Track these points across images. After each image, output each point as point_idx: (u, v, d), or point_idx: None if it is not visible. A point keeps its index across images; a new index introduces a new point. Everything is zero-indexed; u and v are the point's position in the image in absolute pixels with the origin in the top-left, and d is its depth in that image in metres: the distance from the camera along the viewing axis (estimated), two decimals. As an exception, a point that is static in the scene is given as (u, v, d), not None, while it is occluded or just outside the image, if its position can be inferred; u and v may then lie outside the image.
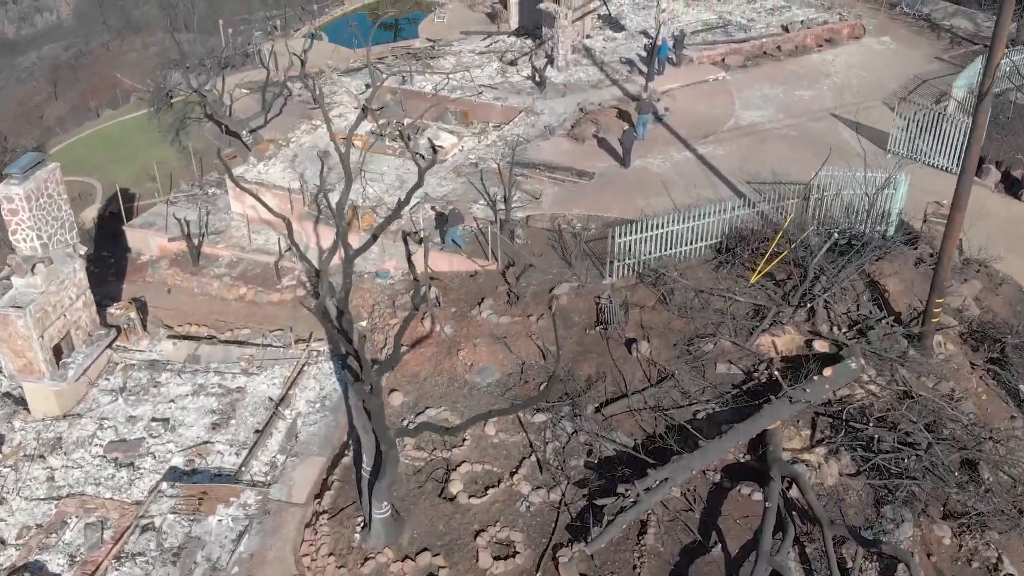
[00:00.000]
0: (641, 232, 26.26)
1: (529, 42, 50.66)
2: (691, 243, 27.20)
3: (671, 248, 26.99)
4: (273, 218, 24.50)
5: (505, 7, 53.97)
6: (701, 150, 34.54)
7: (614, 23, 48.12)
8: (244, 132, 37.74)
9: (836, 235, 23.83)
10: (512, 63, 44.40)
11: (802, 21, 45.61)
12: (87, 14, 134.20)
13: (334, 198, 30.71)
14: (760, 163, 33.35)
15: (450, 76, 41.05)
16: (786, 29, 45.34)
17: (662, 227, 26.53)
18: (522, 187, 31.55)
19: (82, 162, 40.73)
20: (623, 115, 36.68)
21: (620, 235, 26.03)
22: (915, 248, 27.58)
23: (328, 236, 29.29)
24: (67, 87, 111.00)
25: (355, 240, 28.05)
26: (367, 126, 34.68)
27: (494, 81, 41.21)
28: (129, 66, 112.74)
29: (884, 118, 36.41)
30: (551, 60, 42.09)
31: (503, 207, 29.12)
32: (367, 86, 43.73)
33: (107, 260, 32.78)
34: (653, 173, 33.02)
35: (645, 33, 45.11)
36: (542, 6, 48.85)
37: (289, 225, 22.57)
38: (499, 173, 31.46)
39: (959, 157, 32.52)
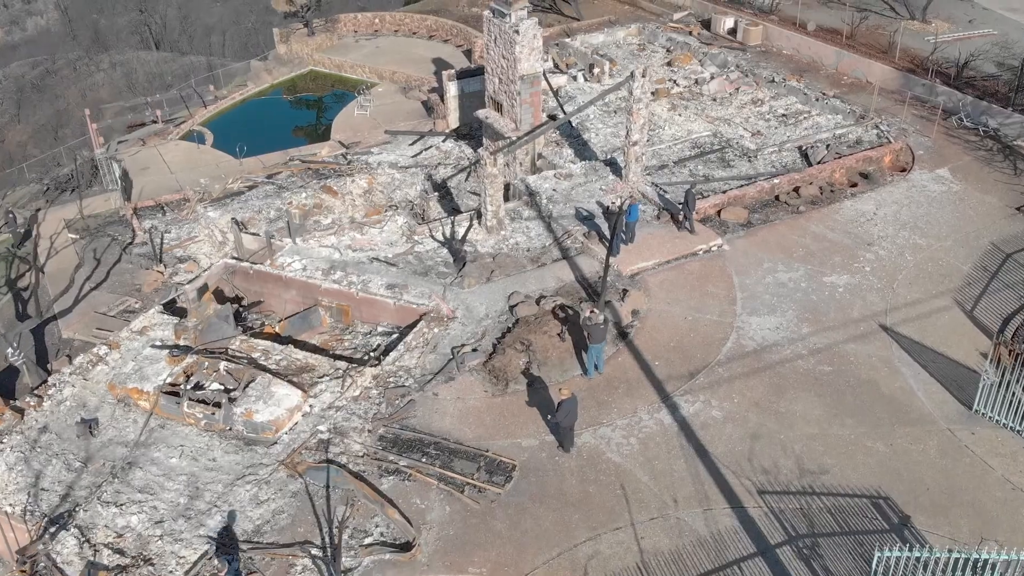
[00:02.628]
0: None
1: (468, 151, 37.74)
2: None
3: None
4: None
5: (442, 100, 40.91)
6: (685, 407, 21.47)
7: (575, 138, 35.01)
8: (10, 348, 24.53)
9: None
10: (435, 184, 31.56)
11: (828, 145, 32.46)
12: (59, 29, 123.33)
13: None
14: (778, 444, 20.32)
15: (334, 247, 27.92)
16: (806, 157, 32.25)
17: None
18: (389, 512, 18.47)
19: None
20: (570, 321, 23.60)
21: None
22: None
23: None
24: (31, 109, 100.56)
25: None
26: (163, 372, 21.53)
27: (396, 249, 28.04)
28: (94, 88, 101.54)
29: (960, 333, 23.56)
30: (478, 215, 28.98)
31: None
32: (237, 223, 30.83)
33: None
34: (608, 463, 19.93)
35: (613, 164, 31.94)
36: (480, 114, 35.94)
37: None
38: (356, 480, 18.62)
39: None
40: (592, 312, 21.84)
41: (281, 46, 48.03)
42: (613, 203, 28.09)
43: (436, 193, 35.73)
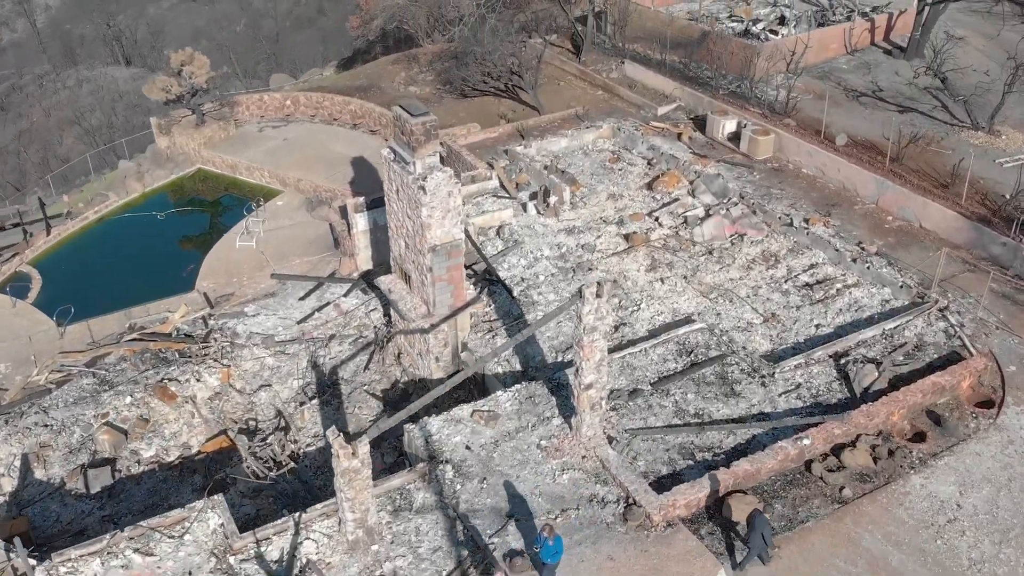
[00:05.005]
0: None
1: (377, 315, 26.88)
2: None
3: None
4: None
5: (349, 234, 29.89)
6: None
7: (514, 319, 24.08)
8: None
9: None
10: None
11: (879, 363, 21.48)
12: (29, 41, 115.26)
13: None
14: None
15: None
16: (846, 378, 21.37)
17: None
18: None
19: None
20: None
21: None
22: None
23: None
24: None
25: None
26: None
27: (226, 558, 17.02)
28: (58, 107, 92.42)
29: None
30: (339, 521, 17.96)
31: None
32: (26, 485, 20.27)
33: None
34: None
35: (562, 389, 20.91)
36: (382, 285, 25.26)
37: None
38: None
39: None
40: None
41: (161, 139, 36.83)
42: (541, 543, 16.82)
43: (316, 400, 24.79)
